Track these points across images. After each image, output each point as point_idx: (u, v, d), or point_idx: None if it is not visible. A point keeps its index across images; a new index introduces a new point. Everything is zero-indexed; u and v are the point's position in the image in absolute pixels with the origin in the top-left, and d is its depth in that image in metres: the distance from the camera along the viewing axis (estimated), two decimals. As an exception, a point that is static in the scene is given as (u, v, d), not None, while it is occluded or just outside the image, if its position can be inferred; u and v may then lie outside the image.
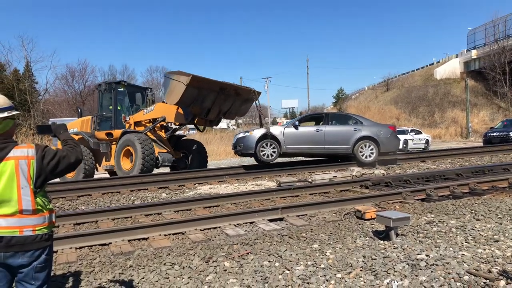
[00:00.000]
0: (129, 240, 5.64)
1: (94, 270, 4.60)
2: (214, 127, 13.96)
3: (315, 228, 5.93)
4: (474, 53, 52.97)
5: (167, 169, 14.59)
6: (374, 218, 6.12)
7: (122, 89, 14.14)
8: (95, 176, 13.94)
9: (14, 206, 2.46)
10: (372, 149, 12.61)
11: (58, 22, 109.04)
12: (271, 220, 6.46)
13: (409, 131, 28.10)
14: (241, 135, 12.84)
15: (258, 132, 12.42)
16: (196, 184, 10.47)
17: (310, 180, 10.13)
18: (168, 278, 4.30)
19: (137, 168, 11.72)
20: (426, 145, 27.32)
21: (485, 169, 10.54)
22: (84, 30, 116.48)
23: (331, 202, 7.23)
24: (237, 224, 6.28)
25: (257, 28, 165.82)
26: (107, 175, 14.20)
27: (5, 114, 2.55)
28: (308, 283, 4.04)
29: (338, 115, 13.80)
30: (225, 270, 4.42)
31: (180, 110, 12.16)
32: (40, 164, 2.52)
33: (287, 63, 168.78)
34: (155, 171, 13.52)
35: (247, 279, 4.15)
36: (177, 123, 12.87)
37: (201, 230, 6.02)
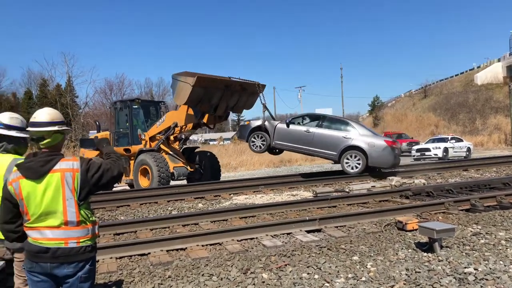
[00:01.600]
0: (167, 250, 5.69)
1: (134, 280, 4.66)
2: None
3: (355, 240, 5.79)
4: (517, 57, 50.88)
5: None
6: (416, 229, 5.92)
7: (136, 106, 14.69)
8: (118, 189, 14.14)
9: (59, 217, 2.53)
10: (358, 161, 11.98)
11: (97, 38, 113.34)
12: (308, 231, 6.36)
13: (449, 139, 27.21)
14: (244, 123, 13.31)
15: (254, 123, 12.95)
16: (232, 195, 10.49)
17: (347, 190, 9.95)
18: (206, 289, 4.29)
19: (154, 185, 12.17)
20: (467, 153, 26.34)
21: (535, 178, 10.01)
22: (121, 45, 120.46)
23: (370, 212, 7.06)
24: (274, 235, 6.23)
25: (290, 37, 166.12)
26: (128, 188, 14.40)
27: (56, 128, 2.65)
28: (349, 296, 3.93)
29: (334, 120, 13.07)
30: (263, 282, 4.37)
31: (190, 111, 12.53)
32: (84, 176, 2.59)
33: (321, 71, 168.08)
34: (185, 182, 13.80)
35: (286, 292, 4.09)
36: (190, 127, 13.17)
37: (238, 240, 6.00)
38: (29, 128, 2.64)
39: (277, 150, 13.67)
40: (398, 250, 5.27)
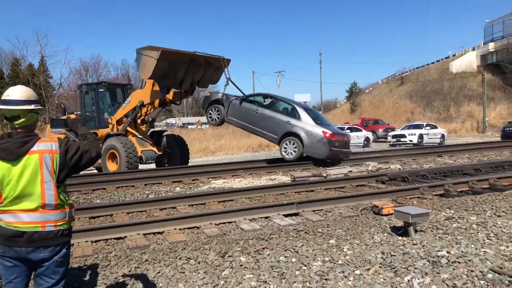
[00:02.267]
0: (144, 234, 5.64)
1: (110, 264, 4.60)
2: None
3: (332, 224, 5.86)
4: (491, 46, 51.88)
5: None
6: (391, 214, 6.03)
7: (102, 89, 14.60)
8: (93, 172, 13.95)
9: (37, 200, 2.45)
10: (295, 148, 12.02)
11: (72, 16, 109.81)
12: (286, 215, 6.40)
13: (424, 125, 27.73)
14: (206, 95, 13.74)
15: (214, 96, 13.45)
16: (210, 179, 10.44)
17: (325, 175, 10.03)
18: (184, 272, 4.27)
19: (122, 170, 12.16)
20: (441, 139, 26.94)
21: (505, 165, 10.32)
22: (97, 25, 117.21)
23: (347, 197, 7.14)
24: (252, 218, 6.24)
25: (269, 21, 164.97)
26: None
27: (32, 107, 2.55)
28: (326, 279, 3.98)
29: (283, 103, 13.02)
30: (241, 265, 4.38)
31: (156, 87, 12.51)
32: (63, 158, 2.51)
33: (301, 57, 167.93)
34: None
35: (264, 275, 4.11)
36: (156, 104, 13.20)
37: (216, 224, 5.99)
38: (2, 106, 2.51)
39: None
40: (374, 234, 5.35)
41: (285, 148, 12.18)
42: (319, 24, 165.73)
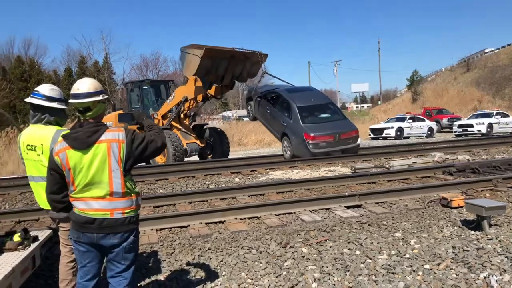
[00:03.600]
0: (206, 223, 5.74)
1: (174, 251, 4.73)
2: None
3: (397, 216, 5.63)
4: None
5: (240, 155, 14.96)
6: (461, 207, 5.70)
7: (147, 87, 15.40)
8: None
9: (105, 188, 2.54)
10: (289, 147, 12.20)
11: (134, 14, 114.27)
12: (348, 207, 6.24)
13: (494, 114, 25.99)
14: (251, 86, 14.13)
15: (249, 93, 14.02)
16: (268, 170, 10.45)
17: (387, 166, 9.69)
18: (246, 262, 4.29)
19: (170, 162, 12.72)
20: (514, 129, 25.13)
21: None
22: (156, 22, 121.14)
23: (412, 189, 6.83)
24: (313, 210, 6.15)
25: (326, 10, 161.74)
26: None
27: (100, 98, 2.66)
28: (393, 273, 3.82)
29: (284, 101, 12.84)
30: (303, 257, 4.33)
31: (199, 83, 13.13)
32: (129, 147, 2.58)
33: (358, 45, 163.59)
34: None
35: (327, 266, 4.03)
36: (200, 99, 13.78)
37: (276, 215, 5.97)
38: (72, 100, 2.63)
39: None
40: (443, 227, 5.09)
41: (284, 147, 12.53)
42: (377, 10, 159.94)
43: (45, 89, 3.23)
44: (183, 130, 14.05)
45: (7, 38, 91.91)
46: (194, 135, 14.33)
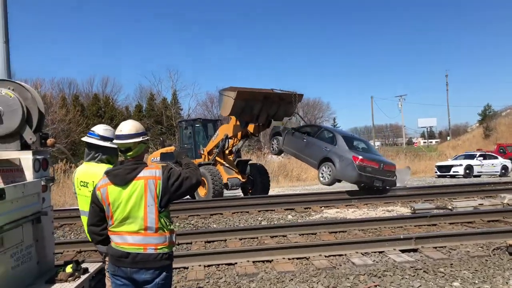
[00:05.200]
0: (254, 261, 5.69)
1: (219, 289, 4.72)
2: None
3: (456, 263, 5.25)
4: None
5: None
6: (532, 256, 5.19)
7: (198, 125, 16.57)
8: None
9: (139, 223, 2.64)
10: (330, 172, 12.33)
11: (199, 52, 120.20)
12: (403, 251, 5.91)
13: None
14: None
15: (276, 129, 14.65)
16: (323, 207, 10.24)
17: (450, 207, 9.13)
18: (289, 305, 4.18)
19: (210, 195, 13.49)
20: None
21: None
22: (223, 58, 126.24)
23: (476, 233, 6.37)
24: (365, 252, 5.89)
25: (390, 42, 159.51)
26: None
27: (140, 139, 2.80)
28: (446, 328, 3.52)
29: (326, 131, 13.72)
30: (350, 303, 4.13)
31: (237, 122, 13.99)
32: (165, 184, 2.68)
33: (424, 79, 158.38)
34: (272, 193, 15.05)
35: (374, 316, 3.80)
36: (239, 136, 14.61)
37: (325, 256, 5.79)
38: (116, 141, 2.80)
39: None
40: (509, 278, 4.66)
41: (322, 173, 12.63)
42: (445, 41, 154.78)
43: (100, 129, 3.47)
44: (226, 165, 14.86)
45: (88, 77, 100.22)
46: (236, 170, 15.02)
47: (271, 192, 17.75)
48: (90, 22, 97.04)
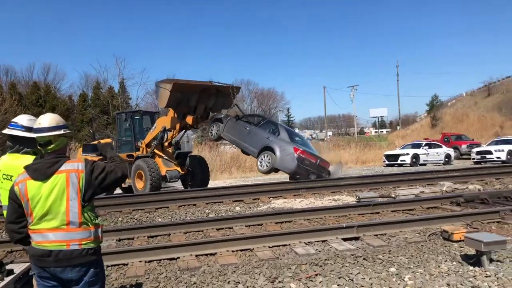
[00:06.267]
0: (197, 255, 5.68)
1: (159, 285, 4.69)
2: None
3: (394, 250, 5.51)
4: None
5: (246, 181, 15.33)
6: (463, 240, 5.53)
7: (138, 117, 16.63)
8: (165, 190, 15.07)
9: (61, 218, 2.58)
10: (269, 160, 13.01)
11: (147, 39, 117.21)
12: (345, 239, 6.12)
13: (516, 140, 25.46)
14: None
15: (218, 115, 15.04)
16: (271, 198, 10.39)
17: (393, 195, 9.55)
18: (230, 297, 4.22)
19: (147, 188, 13.69)
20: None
21: None
22: (171, 45, 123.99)
23: (414, 220, 6.70)
24: (308, 242, 6.05)
25: (341, 33, 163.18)
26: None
27: (61, 132, 2.73)
28: (379, 312, 3.70)
29: (270, 123, 14.58)
30: (290, 292, 4.24)
31: (174, 114, 14.33)
32: (89, 177, 2.64)
33: (376, 70, 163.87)
34: (222, 184, 15.49)
35: (312, 304, 3.93)
36: (177, 128, 14.90)
37: (269, 247, 5.89)
38: (36, 134, 2.70)
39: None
40: (441, 262, 4.94)
41: (261, 161, 13.26)
42: (395, 33, 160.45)
43: (24, 119, 3.31)
44: (165, 157, 15.02)
45: (27, 65, 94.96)
46: (175, 163, 15.18)
47: (223, 183, 17.84)
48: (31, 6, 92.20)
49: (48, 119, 2.71)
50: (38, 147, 2.73)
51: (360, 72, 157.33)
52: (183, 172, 15.17)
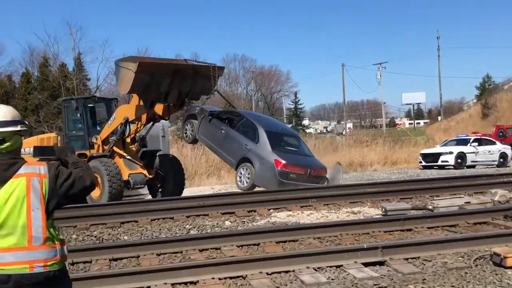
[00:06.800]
0: (173, 284, 5.73)
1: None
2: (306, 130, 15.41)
3: (430, 278, 5.57)
4: None
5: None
6: (520, 266, 5.60)
7: (91, 105, 16.51)
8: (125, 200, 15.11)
9: (20, 233, 2.58)
10: (249, 175, 13.49)
11: (110, 5, 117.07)
12: (366, 264, 6.17)
13: None
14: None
15: (191, 110, 15.55)
16: (271, 210, 10.43)
17: (431, 207, 9.61)
18: None
19: (105, 196, 13.67)
20: None
21: None
22: (142, 13, 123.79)
23: (457, 240, 6.77)
24: (318, 267, 6.08)
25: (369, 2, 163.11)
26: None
27: (18, 128, 2.78)
28: None
29: (247, 122, 14.64)
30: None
31: (140, 102, 14.27)
32: (53, 184, 2.68)
33: (410, 42, 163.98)
34: (209, 191, 16.08)
35: None
36: (144, 120, 14.96)
37: (268, 274, 5.92)
38: None
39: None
40: (490, 295, 5.00)
41: (240, 175, 13.70)
42: (436, 2, 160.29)
43: None
44: (128, 157, 15.00)
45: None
46: (141, 164, 15.22)
47: (210, 190, 17.91)
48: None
49: (2, 112, 2.76)
50: None
51: (390, 46, 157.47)
52: (150, 176, 15.16)
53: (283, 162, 12.85)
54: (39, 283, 2.59)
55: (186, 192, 17.02)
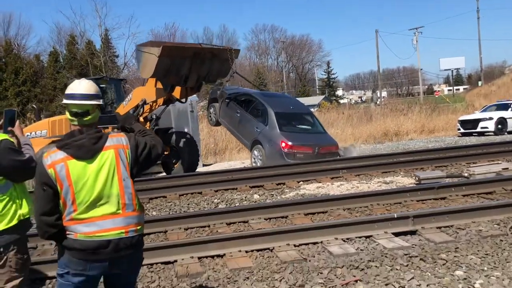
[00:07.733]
0: (199, 258, 5.81)
1: (149, 297, 4.83)
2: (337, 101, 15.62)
3: (463, 247, 5.52)
4: None
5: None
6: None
7: (104, 85, 17.02)
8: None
9: (116, 202, 2.85)
10: (260, 158, 14.00)
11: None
12: (397, 234, 6.15)
13: None
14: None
15: (214, 94, 16.19)
16: (301, 182, 10.45)
17: (466, 174, 9.46)
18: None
19: None
20: None
21: None
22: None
23: (492, 207, 6.67)
24: (347, 238, 6.09)
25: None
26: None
27: (100, 102, 3.01)
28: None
29: (259, 104, 14.90)
30: (319, 305, 4.31)
31: (159, 85, 14.58)
32: (134, 154, 2.93)
33: (447, 5, 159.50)
34: (240, 165, 16.26)
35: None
36: (160, 103, 15.33)
37: (295, 246, 5.96)
38: (68, 101, 2.91)
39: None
40: (525, 262, 4.92)
41: (254, 157, 14.30)
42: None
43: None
44: None
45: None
46: None
47: (241, 165, 18.03)
48: None
49: (86, 86, 2.97)
50: (72, 117, 2.92)
51: (426, 10, 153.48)
52: (166, 153, 15.44)
53: (290, 143, 13.30)
54: (132, 246, 2.88)
55: (216, 167, 17.18)
